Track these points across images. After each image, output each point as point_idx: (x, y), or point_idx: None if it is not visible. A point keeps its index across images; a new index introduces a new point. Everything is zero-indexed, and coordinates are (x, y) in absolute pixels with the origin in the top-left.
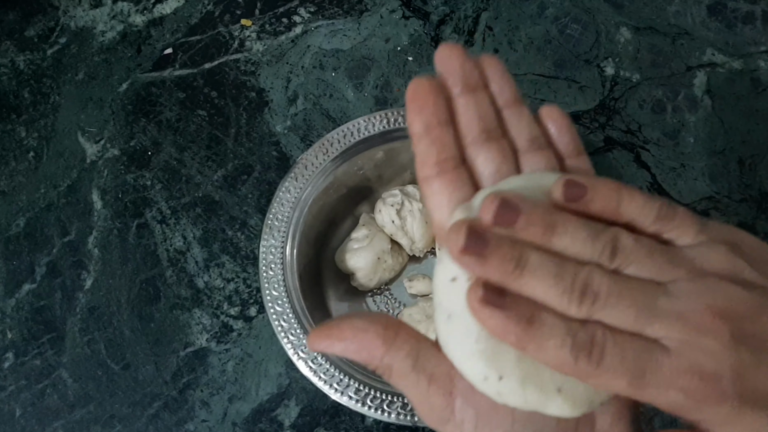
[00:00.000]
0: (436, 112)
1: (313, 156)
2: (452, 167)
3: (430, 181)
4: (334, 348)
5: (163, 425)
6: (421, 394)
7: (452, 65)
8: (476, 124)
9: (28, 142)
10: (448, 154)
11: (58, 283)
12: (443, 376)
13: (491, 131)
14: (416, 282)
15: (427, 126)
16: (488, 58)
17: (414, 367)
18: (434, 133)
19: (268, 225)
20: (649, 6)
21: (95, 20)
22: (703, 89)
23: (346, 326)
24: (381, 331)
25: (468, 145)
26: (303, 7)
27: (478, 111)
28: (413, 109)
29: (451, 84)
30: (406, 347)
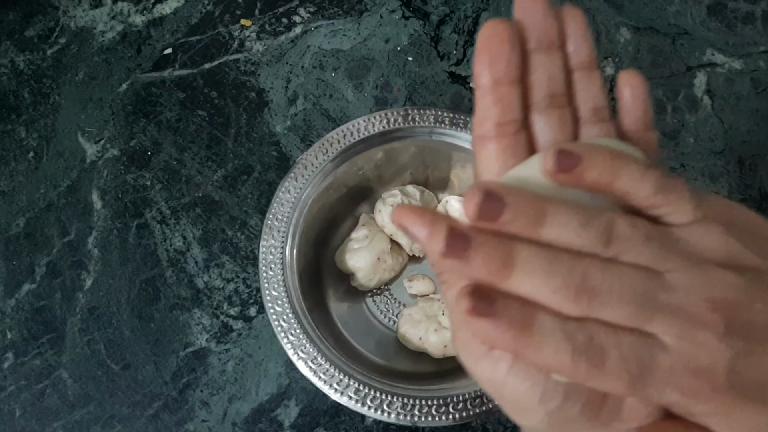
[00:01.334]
0: (508, 67)
1: (313, 156)
2: (512, 131)
3: (485, 141)
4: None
5: (163, 425)
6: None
7: (534, 16)
8: (544, 87)
9: (28, 142)
10: (511, 116)
11: (58, 283)
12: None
13: (557, 97)
14: (416, 282)
15: (496, 80)
16: (572, 11)
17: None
18: (501, 91)
19: (268, 225)
20: (649, 6)
21: (95, 20)
22: (703, 89)
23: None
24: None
25: (531, 108)
26: (303, 7)
27: (549, 72)
28: (483, 59)
29: (528, 38)
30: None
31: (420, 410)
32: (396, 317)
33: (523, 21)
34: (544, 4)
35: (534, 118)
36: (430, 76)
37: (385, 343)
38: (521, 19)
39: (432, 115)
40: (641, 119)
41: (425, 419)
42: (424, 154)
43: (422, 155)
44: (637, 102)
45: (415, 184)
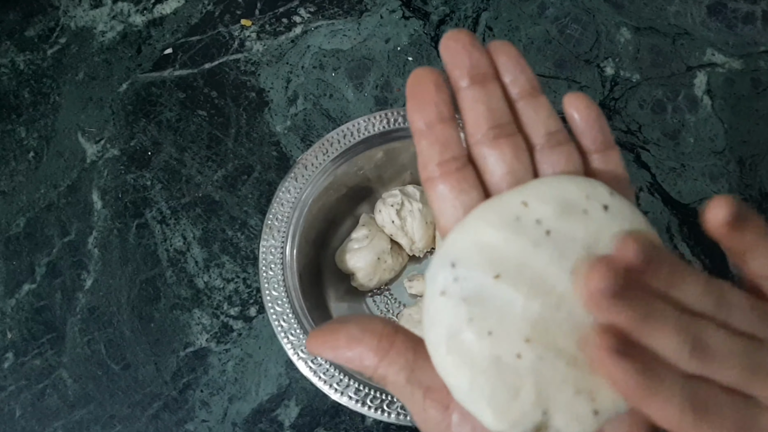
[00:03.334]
0: (438, 107)
1: (313, 156)
2: (456, 168)
3: (433, 182)
4: (327, 354)
5: (163, 425)
6: (417, 406)
7: (458, 55)
8: (485, 120)
9: (28, 142)
10: (451, 153)
11: (58, 283)
12: (440, 389)
13: (503, 126)
14: (416, 282)
15: (428, 123)
16: (500, 44)
17: (409, 380)
18: (436, 131)
19: (268, 225)
20: (649, 6)
21: (95, 20)
22: (703, 89)
23: (341, 333)
24: (375, 343)
25: (476, 144)
26: (303, 8)
27: (488, 104)
28: (413, 105)
29: (458, 76)
30: (400, 360)
31: None
32: (396, 317)
33: (449, 62)
34: (468, 41)
35: (484, 153)
36: None
37: None
38: (448, 59)
39: None
40: (599, 138)
41: None
42: None
43: None
44: (589, 122)
45: (415, 184)
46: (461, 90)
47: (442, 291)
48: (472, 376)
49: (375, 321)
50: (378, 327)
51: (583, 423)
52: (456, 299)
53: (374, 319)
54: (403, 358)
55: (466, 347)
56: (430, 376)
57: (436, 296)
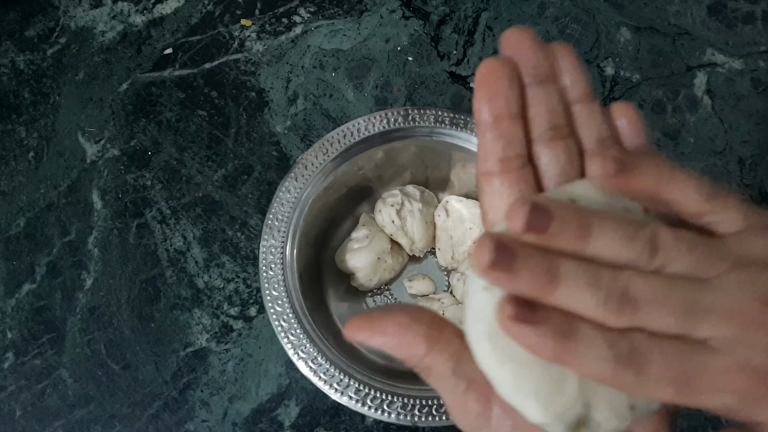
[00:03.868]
0: (508, 102)
1: (313, 156)
2: (517, 166)
3: (490, 177)
4: (373, 341)
5: (163, 425)
6: (457, 398)
7: (524, 52)
8: (545, 120)
9: (28, 142)
10: (515, 151)
11: (58, 283)
12: (483, 382)
13: (559, 128)
14: (416, 282)
15: (496, 116)
16: (561, 47)
17: (454, 370)
18: (503, 126)
19: (268, 225)
20: (649, 6)
21: (95, 20)
22: (703, 89)
23: (389, 320)
24: (425, 330)
25: (534, 141)
26: (303, 7)
27: (548, 105)
28: (483, 96)
29: (521, 74)
30: (448, 349)
31: (420, 410)
32: None
33: (513, 57)
34: (532, 39)
35: (539, 152)
36: (430, 76)
37: None
38: (510, 55)
39: (432, 115)
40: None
41: (425, 419)
42: (424, 154)
43: (422, 155)
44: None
45: (415, 184)
46: (526, 87)
47: (486, 286)
48: (516, 370)
49: (422, 310)
50: (426, 316)
51: (621, 417)
52: (499, 295)
53: (420, 308)
54: (452, 346)
55: (510, 341)
56: (474, 368)
57: (479, 291)
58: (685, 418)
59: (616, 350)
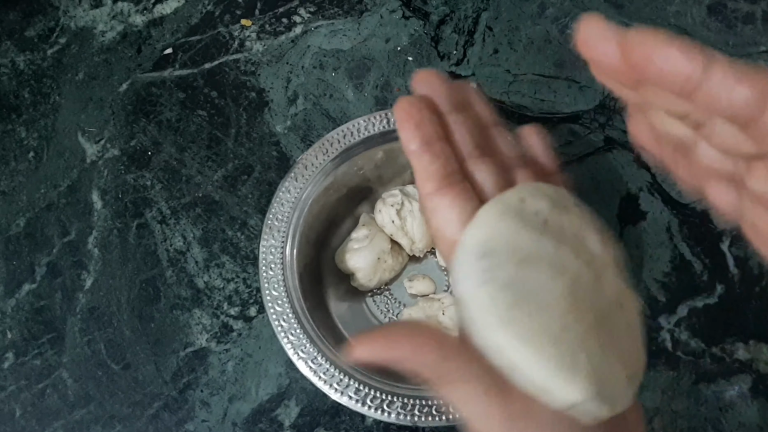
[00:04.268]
0: (434, 126)
1: (313, 156)
2: (459, 180)
3: (437, 195)
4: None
5: (163, 425)
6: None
7: (436, 87)
8: (470, 140)
9: (28, 142)
10: (453, 167)
11: (58, 283)
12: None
13: (484, 147)
14: (416, 282)
15: (428, 140)
16: (464, 84)
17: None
18: (436, 148)
19: (268, 225)
20: (649, 6)
21: (95, 20)
22: None
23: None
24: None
25: (465, 160)
26: (303, 7)
27: (469, 127)
28: (409, 126)
29: (441, 104)
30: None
31: (420, 410)
32: (396, 317)
33: (431, 94)
34: (439, 77)
35: (472, 168)
36: None
37: None
38: (429, 92)
39: None
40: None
41: (425, 419)
42: None
43: None
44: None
45: (414, 183)
46: (445, 115)
47: (482, 282)
48: (535, 350)
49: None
50: (431, 326)
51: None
52: (497, 286)
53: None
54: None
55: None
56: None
57: (478, 289)
58: (686, 419)
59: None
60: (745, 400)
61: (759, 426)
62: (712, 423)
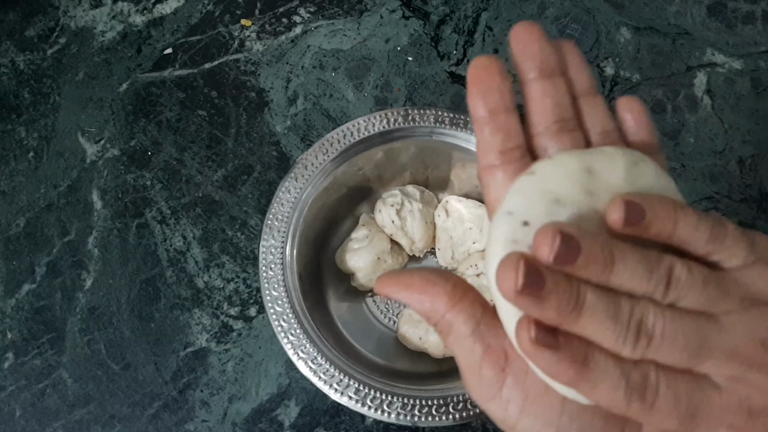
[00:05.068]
0: (502, 96)
1: (313, 156)
2: (518, 157)
3: (493, 171)
4: (400, 294)
5: (163, 425)
6: (473, 362)
7: (531, 47)
8: (552, 113)
9: (28, 142)
10: (514, 142)
11: (58, 283)
12: (499, 350)
13: (566, 121)
14: None
15: (492, 110)
16: (567, 44)
17: (473, 332)
18: (500, 119)
19: (268, 225)
20: (649, 6)
21: (95, 20)
22: (703, 89)
23: (416, 275)
24: (449, 287)
25: (540, 134)
26: (303, 7)
27: (555, 98)
28: (476, 92)
29: (528, 67)
30: (470, 310)
31: (420, 410)
32: (396, 317)
33: (520, 52)
34: (540, 35)
35: (546, 143)
36: (430, 76)
37: (385, 343)
38: (519, 50)
39: (432, 115)
40: (647, 140)
41: (425, 419)
42: (424, 154)
43: (422, 155)
44: (640, 125)
45: (415, 184)
46: (529, 82)
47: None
48: None
49: (449, 273)
50: (453, 277)
51: None
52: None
53: (448, 272)
54: (473, 309)
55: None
56: (493, 334)
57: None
58: None
59: (628, 381)
60: None
61: None
62: None
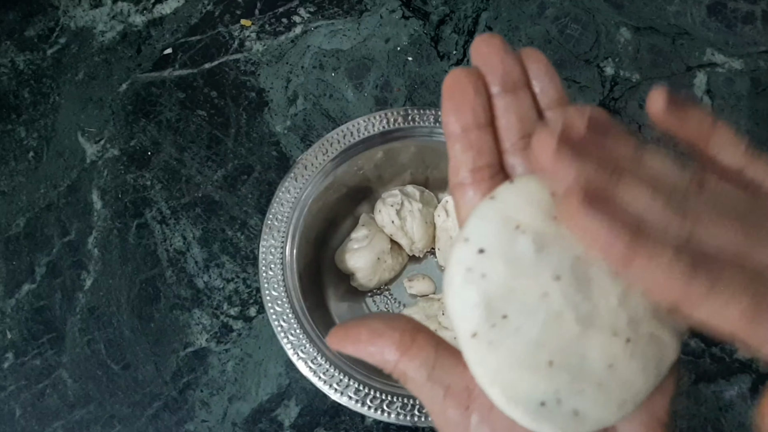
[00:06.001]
0: (475, 112)
1: (313, 156)
2: (489, 175)
3: (463, 188)
4: (349, 349)
5: (163, 425)
6: (436, 405)
7: (492, 60)
8: (516, 129)
9: (28, 142)
10: (484, 161)
11: (58, 283)
12: (461, 390)
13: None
14: (416, 282)
15: (464, 127)
16: (531, 52)
17: (429, 377)
18: (471, 137)
19: (267, 225)
20: (649, 6)
21: (95, 20)
22: (703, 89)
23: (363, 328)
24: (397, 336)
25: (507, 152)
26: (303, 7)
27: (519, 113)
28: (450, 107)
29: (490, 81)
30: (421, 355)
31: (420, 410)
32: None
33: (482, 66)
34: (500, 47)
35: (514, 162)
36: (430, 76)
37: None
38: (480, 64)
39: (432, 115)
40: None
41: (425, 419)
42: (424, 154)
43: (422, 155)
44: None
45: (415, 184)
46: (493, 97)
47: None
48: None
49: (398, 318)
50: (400, 323)
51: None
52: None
53: (397, 316)
54: (425, 354)
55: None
56: (451, 375)
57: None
58: (685, 419)
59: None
60: (745, 400)
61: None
62: (712, 423)
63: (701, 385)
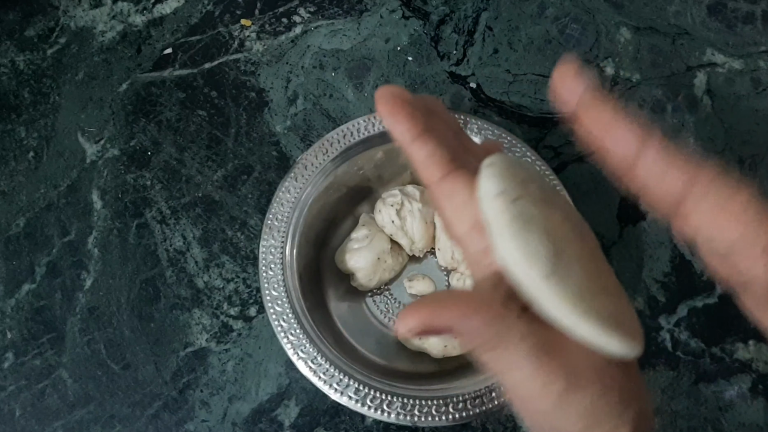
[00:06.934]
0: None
1: (313, 156)
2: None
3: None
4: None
5: (163, 425)
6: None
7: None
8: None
9: (28, 142)
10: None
11: (58, 283)
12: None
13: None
14: (416, 282)
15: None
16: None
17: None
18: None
19: (267, 225)
20: (649, 6)
21: (95, 20)
22: (703, 89)
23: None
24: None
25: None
26: (303, 7)
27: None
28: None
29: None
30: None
31: (420, 410)
32: (396, 317)
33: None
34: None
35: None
36: (430, 76)
37: (385, 343)
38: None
39: None
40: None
41: (425, 419)
42: None
43: None
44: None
45: (415, 184)
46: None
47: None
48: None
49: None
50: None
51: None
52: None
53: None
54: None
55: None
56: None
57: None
58: (686, 419)
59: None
60: (745, 400)
61: (759, 426)
62: (712, 423)
63: (701, 385)
